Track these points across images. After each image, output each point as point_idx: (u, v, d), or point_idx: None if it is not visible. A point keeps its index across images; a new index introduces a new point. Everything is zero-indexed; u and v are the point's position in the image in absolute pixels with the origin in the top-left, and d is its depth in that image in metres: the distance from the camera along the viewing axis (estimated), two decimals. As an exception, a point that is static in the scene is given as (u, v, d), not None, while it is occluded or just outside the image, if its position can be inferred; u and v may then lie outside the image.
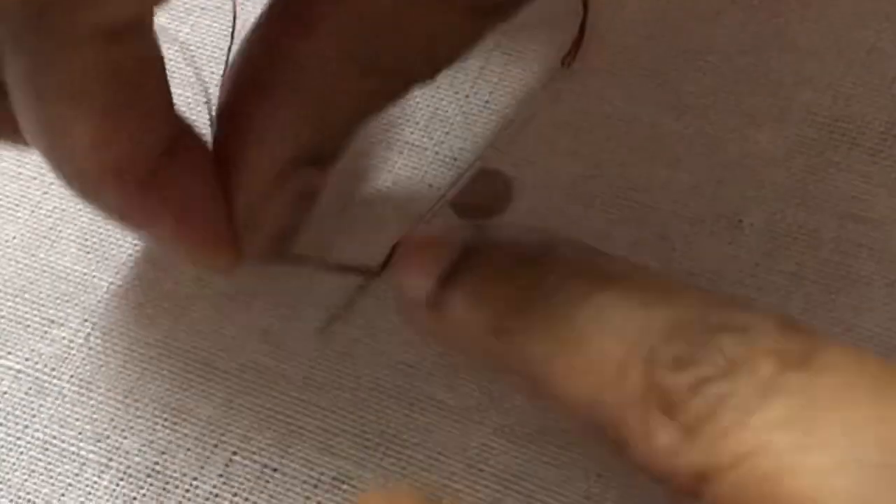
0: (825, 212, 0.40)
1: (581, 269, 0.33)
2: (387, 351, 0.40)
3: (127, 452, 0.40)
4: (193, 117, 0.45)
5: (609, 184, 0.41)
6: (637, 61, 0.43)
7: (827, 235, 0.39)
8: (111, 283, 0.42)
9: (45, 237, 0.44)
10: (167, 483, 0.39)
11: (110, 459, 0.40)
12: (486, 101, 0.43)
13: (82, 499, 0.39)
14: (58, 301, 0.42)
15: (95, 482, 0.40)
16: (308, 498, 0.38)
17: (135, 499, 0.39)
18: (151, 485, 0.39)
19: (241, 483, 0.39)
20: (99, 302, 0.42)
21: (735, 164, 0.41)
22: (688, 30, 0.43)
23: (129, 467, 0.40)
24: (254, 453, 0.39)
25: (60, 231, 0.44)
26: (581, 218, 0.41)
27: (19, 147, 0.36)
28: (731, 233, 0.40)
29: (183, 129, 0.38)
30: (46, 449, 0.40)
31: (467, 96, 0.43)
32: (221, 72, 0.45)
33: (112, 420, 0.41)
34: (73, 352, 0.42)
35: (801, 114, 0.41)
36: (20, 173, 0.45)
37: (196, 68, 0.46)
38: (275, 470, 0.39)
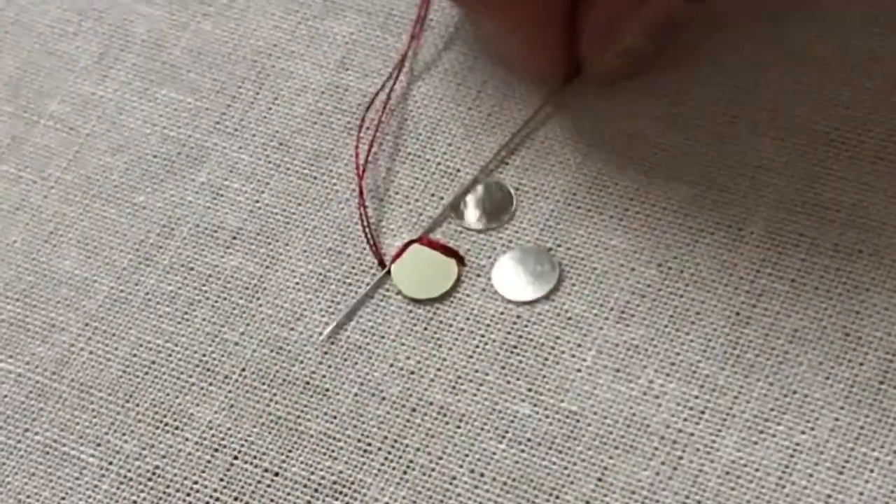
0: (825, 219, 0.40)
1: None
2: (389, 356, 0.40)
3: (127, 456, 0.40)
4: (196, 124, 0.45)
5: (610, 194, 0.41)
6: (637, 75, 0.43)
7: (827, 243, 0.40)
8: (112, 288, 0.43)
9: (46, 241, 0.44)
10: (168, 487, 0.39)
11: (111, 463, 0.40)
12: (489, 115, 0.43)
13: (82, 503, 0.39)
14: (59, 305, 0.43)
15: (96, 486, 0.40)
16: (309, 502, 0.38)
17: (135, 503, 0.39)
18: (152, 489, 0.39)
19: (242, 487, 0.39)
20: (100, 307, 0.42)
21: (736, 173, 0.41)
22: (687, 42, 0.43)
23: (129, 471, 0.40)
24: (255, 457, 0.39)
25: (61, 236, 0.44)
26: (581, 227, 0.41)
27: None
28: (731, 241, 0.40)
29: None
30: (47, 453, 0.40)
31: (469, 109, 0.44)
32: (225, 78, 0.45)
33: (113, 424, 0.41)
34: (74, 356, 0.42)
35: (802, 123, 0.41)
36: (21, 177, 0.45)
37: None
38: (276, 474, 0.39)
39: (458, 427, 0.39)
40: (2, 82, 0.47)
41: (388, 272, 0.41)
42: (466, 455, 0.39)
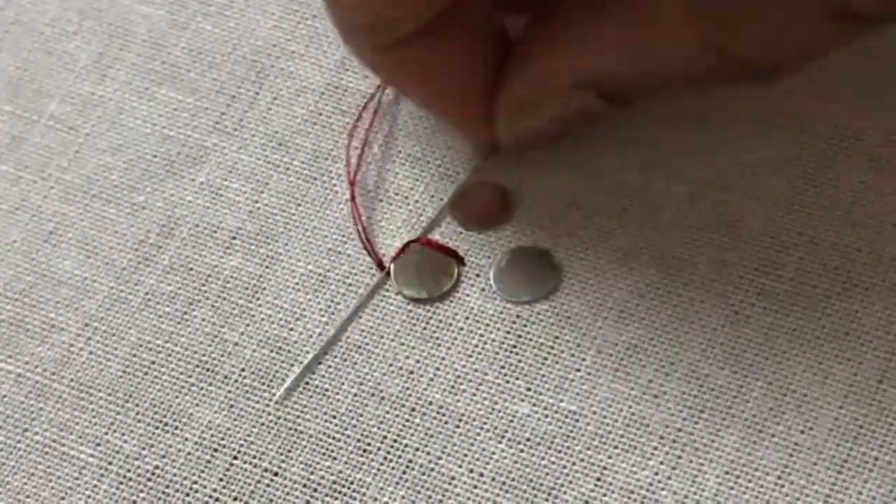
0: (824, 218, 0.40)
1: None
2: (388, 356, 0.40)
3: (127, 456, 0.40)
4: (196, 124, 0.45)
5: (609, 195, 0.42)
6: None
7: (826, 241, 0.40)
8: (111, 288, 0.43)
9: (45, 241, 0.44)
10: (167, 487, 0.39)
11: (110, 463, 0.40)
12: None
13: (82, 502, 0.39)
14: (58, 305, 0.43)
15: (95, 486, 0.40)
16: (308, 502, 0.39)
17: (135, 502, 0.39)
18: (151, 489, 0.39)
19: (242, 487, 0.39)
20: (99, 307, 0.42)
21: (734, 173, 0.41)
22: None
23: (128, 471, 0.40)
24: (254, 457, 0.39)
25: (61, 236, 0.44)
26: (580, 228, 0.41)
27: None
28: (731, 240, 0.40)
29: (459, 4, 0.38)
30: (46, 452, 0.40)
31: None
32: (224, 78, 0.45)
33: (112, 424, 0.41)
34: (74, 356, 0.42)
35: (801, 123, 0.41)
36: (21, 177, 0.45)
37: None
38: (275, 474, 0.39)
39: (458, 426, 0.39)
40: (1, 82, 0.47)
41: (388, 273, 0.41)
42: (465, 454, 0.39)
